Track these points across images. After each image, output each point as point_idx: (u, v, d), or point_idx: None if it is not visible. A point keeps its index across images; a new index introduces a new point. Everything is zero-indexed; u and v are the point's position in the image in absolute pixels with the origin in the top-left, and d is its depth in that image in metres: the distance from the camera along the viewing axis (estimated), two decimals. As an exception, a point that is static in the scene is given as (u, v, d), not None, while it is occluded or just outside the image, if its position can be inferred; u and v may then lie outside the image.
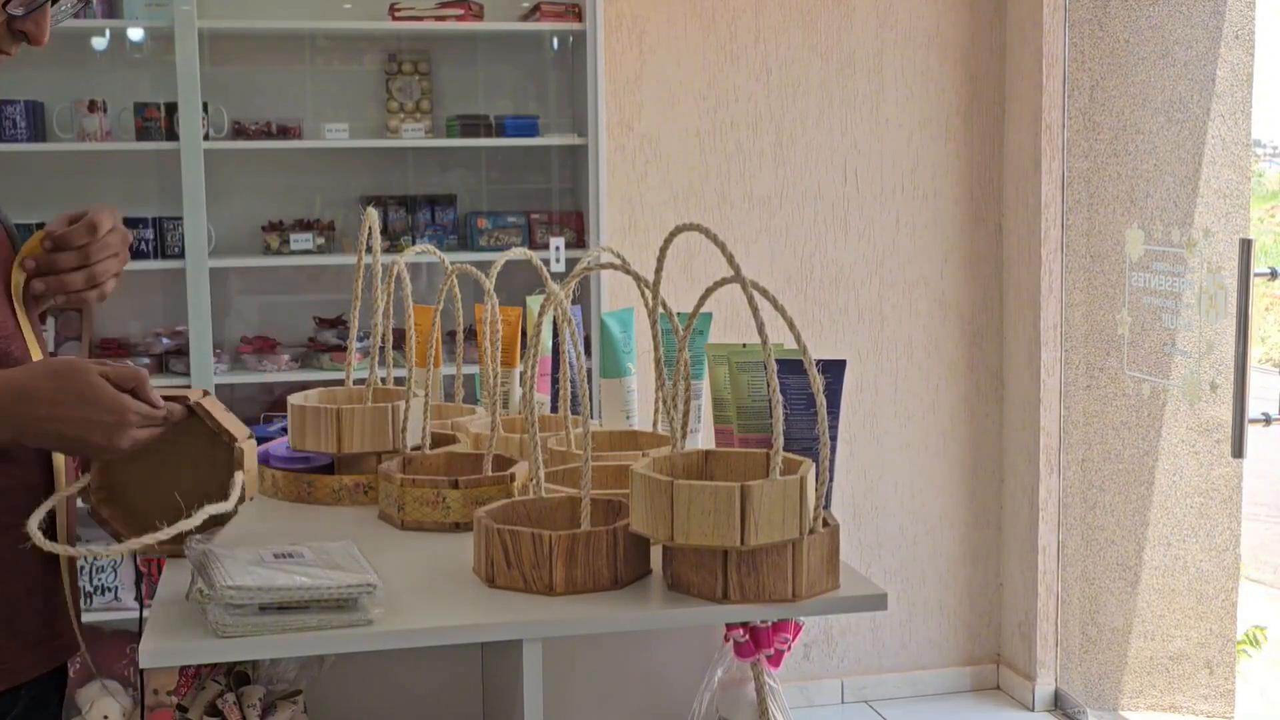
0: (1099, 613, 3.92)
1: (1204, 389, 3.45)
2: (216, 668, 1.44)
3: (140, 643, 1.27)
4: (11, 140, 3.53)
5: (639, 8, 3.91)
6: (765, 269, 4.04)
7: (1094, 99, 3.85)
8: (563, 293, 1.50)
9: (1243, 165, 3.39)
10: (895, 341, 4.17)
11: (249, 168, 3.87)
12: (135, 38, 3.79)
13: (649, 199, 3.97)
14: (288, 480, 1.77)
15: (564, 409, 1.82)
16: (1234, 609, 3.58)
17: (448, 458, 1.74)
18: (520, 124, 3.82)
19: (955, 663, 4.29)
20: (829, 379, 1.53)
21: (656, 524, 1.32)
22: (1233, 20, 3.36)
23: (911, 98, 4.09)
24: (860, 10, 4.03)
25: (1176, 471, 3.63)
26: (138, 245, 3.67)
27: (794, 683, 4.13)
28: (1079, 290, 3.93)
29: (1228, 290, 3.29)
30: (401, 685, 1.69)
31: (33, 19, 1.46)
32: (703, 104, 3.98)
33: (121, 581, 3.63)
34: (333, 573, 1.31)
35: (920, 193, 4.13)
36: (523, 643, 1.32)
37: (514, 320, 2.07)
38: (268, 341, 3.81)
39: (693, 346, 1.80)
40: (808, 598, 1.35)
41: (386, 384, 1.92)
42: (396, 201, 3.87)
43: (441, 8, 3.73)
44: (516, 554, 1.37)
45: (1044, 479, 4.02)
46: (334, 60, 3.93)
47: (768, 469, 1.35)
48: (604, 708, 1.71)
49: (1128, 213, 3.73)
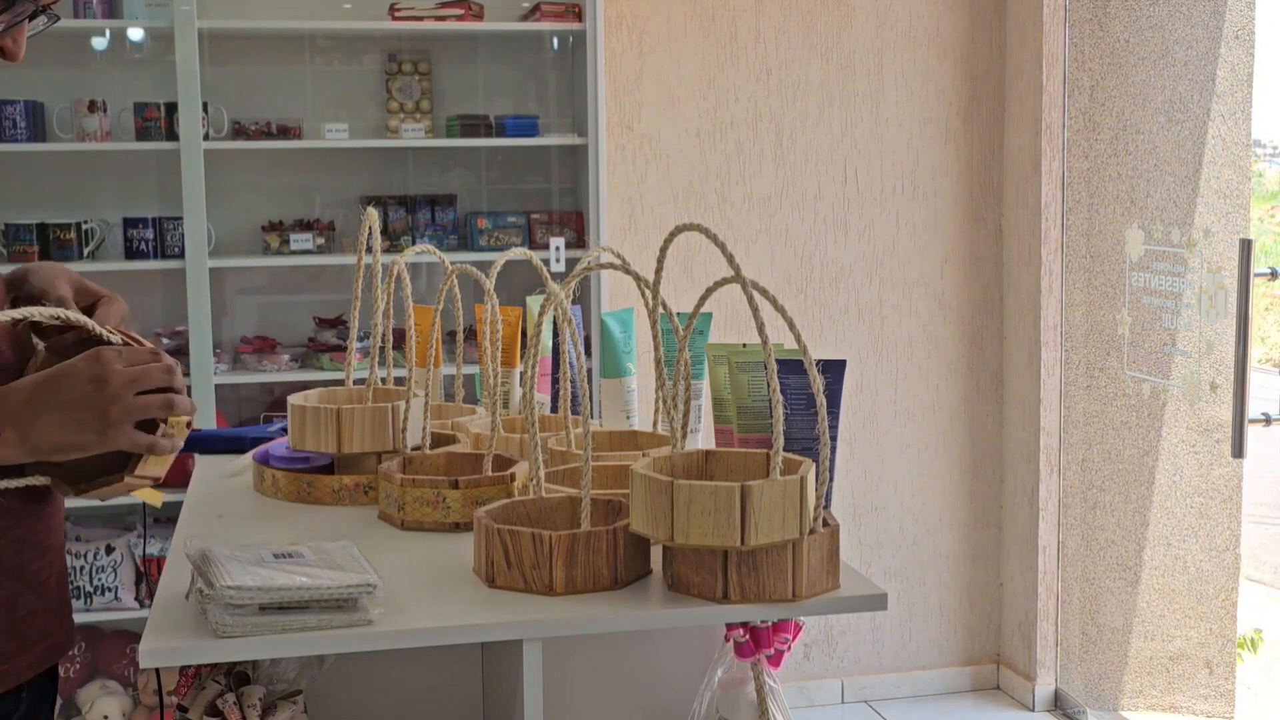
0: (1099, 613, 3.92)
1: (1204, 389, 3.45)
2: (216, 668, 1.44)
3: (140, 642, 1.27)
4: (11, 140, 3.53)
5: (639, 8, 3.91)
6: (765, 269, 4.04)
7: (1094, 99, 3.85)
8: (563, 293, 1.50)
9: (1243, 165, 3.39)
10: (895, 341, 4.17)
11: (249, 168, 3.87)
12: (135, 38, 3.79)
13: (649, 199, 3.97)
14: (288, 480, 1.77)
15: (564, 409, 1.81)
16: (1234, 609, 3.58)
17: (448, 458, 1.74)
18: (520, 124, 3.82)
19: (955, 663, 4.29)
20: (829, 379, 1.53)
21: (656, 524, 1.32)
22: (1233, 20, 3.36)
23: (911, 98, 4.09)
24: (860, 10, 4.03)
25: (1176, 471, 3.63)
26: (138, 245, 3.67)
27: (794, 683, 4.13)
28: (1079, 290, 3.93)
29: (1228, 290, 3.29)
30: (401, 685, 1.69)
31: (10, 36, 1.47)
32: (703, 104, 3.98)
33: (121, 581, 3.63)
34: (333, 573, 1.31)
35: (920, 193, 4.13)
36: (523, 643, 1.32)
37: (514, 320, 2.07)
38: (268, 341, 3.81)
39: (693, 346, 1.80)
40: (808, 598, 1.35)
41: (386, 384, 1.92)
42: (396, 201, 3.87)
43: (441, 8, 3.73)
44: (516, 554, 1.37)
45: (1044, 479, 4.02)
46: (334, 60, 3.93)
47: (768, 469, 1.35)
48: (604, 708, 1.71)
49: (1128, 213, 3.73)
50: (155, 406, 1.35)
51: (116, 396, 1.33)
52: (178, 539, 1.61)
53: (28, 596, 1.51)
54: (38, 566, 1.52)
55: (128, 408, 1.33)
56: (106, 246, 3.73)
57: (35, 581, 1.52)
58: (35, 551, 1.52)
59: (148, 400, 1.35)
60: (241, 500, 1.79)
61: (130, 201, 3.79)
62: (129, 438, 1.34)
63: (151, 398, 1.35)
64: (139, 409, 1.34)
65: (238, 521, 1.69)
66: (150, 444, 1.35)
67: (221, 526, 1.67)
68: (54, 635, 1.56)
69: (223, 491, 1.84)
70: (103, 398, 1.32)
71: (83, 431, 1.32)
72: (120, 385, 1.33)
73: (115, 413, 1.33)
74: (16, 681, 1.50)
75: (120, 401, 1.33)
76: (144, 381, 1.35)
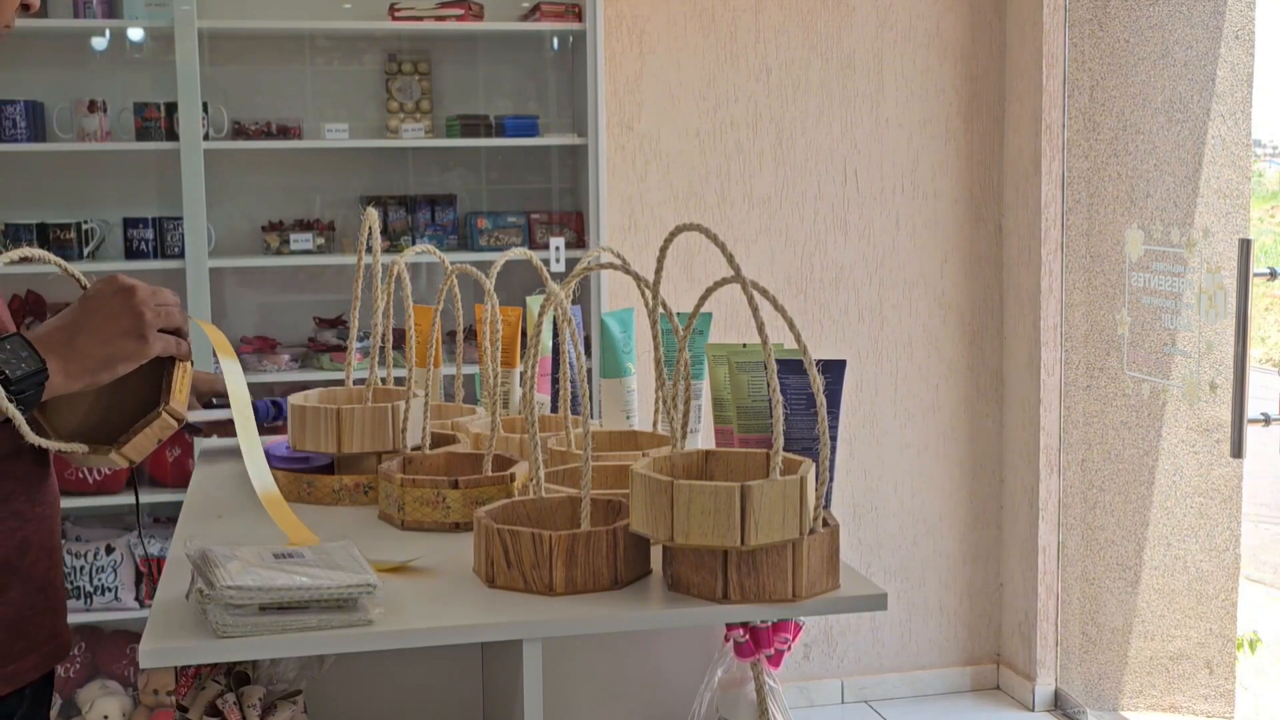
0: (1099, 613, 3.92)
1: (1204, 389, 3.45)
2: (216, 668, 1.44)
3: (140, 642, 1.27)
4: (11, 140, 3.53)
5: (639, 8, 3.91)
6: (765, 269, 4.04)
7: (1094, 99, 3.85)
8: (563, 293, 1.50)
9: (1243, 165, 3.39)
10: (895, 341, 4.17)
11: (249, 168, 3.87)
12: (135, 38, 3.79)
13: (649, 199, 3.97)
14: (288, 480, 1.77)
15: (564, 409, 1.81)
16: (1234, 609, 3.58)
17: (448, 458, 1.74)
18: (520, 124, 3.82)
19: (955, 663, 4.29)
20: (829, 379, 1.53)
21: (656, 524, 1.32)
22: (1233, 20, 3.36)
23: (911, 98, 4.09)
24: (860, 10, 4.03)
25: (1176, 471, 3.63)
26: (138, 245, 3.67)
27: (794, 683, 4.13)
28: (1079, 290, 3.93)
29: (1227, 290, 3.29)
30: (401, 685, 1.69)
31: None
32: (703, 104, 3.98)
33: (121, 581, 3.63)
34: (333, 573, 1.31)
35: (920, 193, 4.13)
36: (523, 643, 1.32)
37: (514, 320, 2.07)
38: (268, 341, 3.81)
39: (693, 346, 1.80)
40: (808, 598, 1.35)
41: (386, 384, 1.92)
42: (396, 201, 3.87)
43: (441, 8, 3.73)
44: (516, 554, 1.37)
45: (1044, 479, 4.02)
46: (334, 60, 3.93)
47: (768, 469, 1.34)
48: (604, 708, 1.71)
49: (1128, 213, 3.73)
50: (176, 314, 1.45)
51: (145, 302, 1.41)
52: (178, 539, 1.61)
53: (37, 599, 1.51)
54: (44, 568, 1.53)
55: (156, 313, 1.42)
56: (106, 246, 3.73)
57: (43, 584, 1.53)
58: (42, 553, 1.53)
59: (169, 307, 1.44)
60: (241, 500, 1.79)
61: (130, 201, 3.79)
62: (162, 341, 1.43)
63: (171, 306, 1.45)
64: (164, 316, 1.43)
65: (238, 521, 1.69)
66: (178, 344, 1.45)
67: (221, 526, 1.67)
68: (60, 637, 1.56)
69: (223, 491, 1.84)
70: (135, 303, 1.41)
71: (125, 339, 1.40)
72: (146, 294, 1.42)
73: (149, 316, 1.41)
74: (23, 682, 1.50)
75: (149, 306, 1.41)
76: (159, 294, 1.44)
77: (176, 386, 1.45)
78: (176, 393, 1.45)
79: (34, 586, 1.51)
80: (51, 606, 1.54)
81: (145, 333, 1.40)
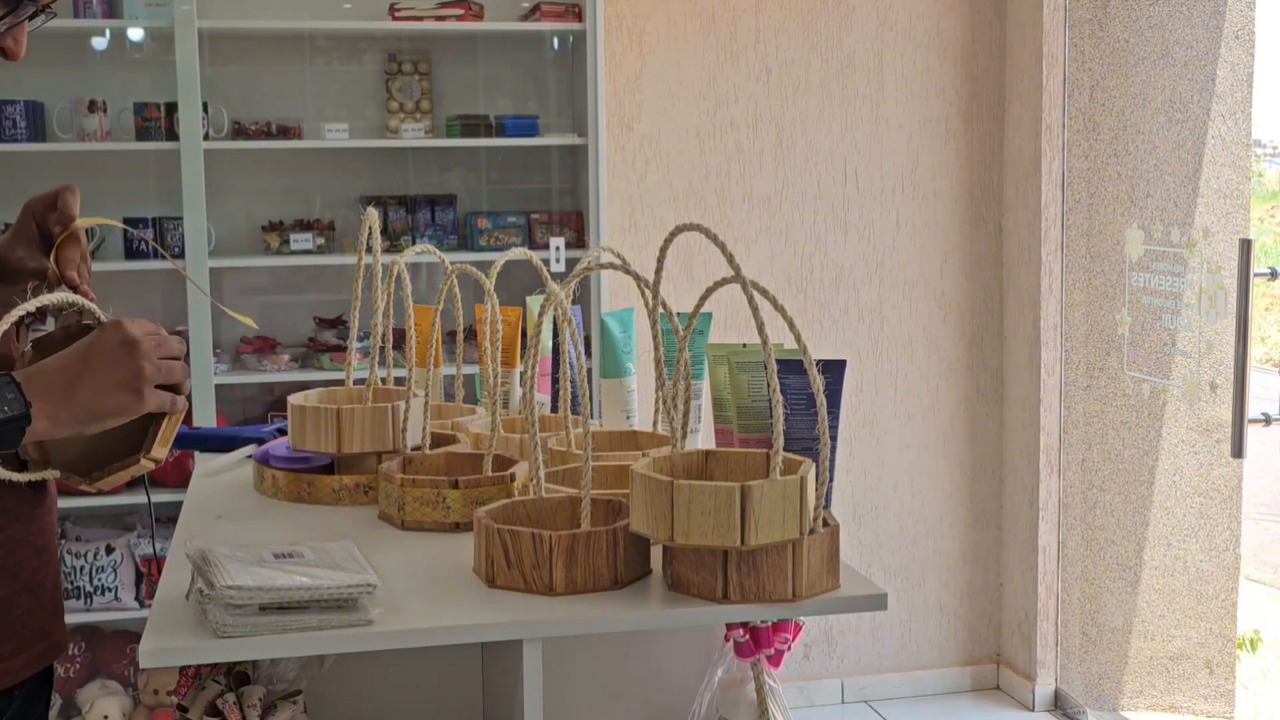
0: (1099, 613, 3.92)
1: (1204, 389, 3.45)
2: (216, 668, 1.44)
3: (140, 642, 1.27)
4: (11, 140, 3.53)
5: (639, 8, 3.91)
6: (765, 269, 4.04)
7: (1094, 99, 3.85)
8: (563, 293, 1.50)
9: (1243, 165, 3.39)
10: (895, 341, 4.17)
11: (249, 168, 3.87)
12: (135, 38, 3.79)
13: (649, 199, 3.97)
14: (288, 480, 1.77)
15: (564, 409, 1.81)
16: (1234, 609, 3.58)
17: (448, 458, 1.74)
18: (520, 124, 3.82)
19: (955, 663, 4.29)
20: (829, 379, 1.53)
21: (656, 524, 1.32)
22: (1233, 20, 3.36)
23: (911, 98, 4.09)
24: (860, 10, 4.03)
25: (1176, 471, 3.63)
26: (138, 245, 3.67)
27: (794, 683, 4.13)
28: (1079, 290, 3.93)
29: (1227, 290, 3.29)
30: (401, 685, 1.69)
31: (11, 35, 1.47)
32: (703, 104, 3.98)
33: (121, 581, 3.63)
34: (333, 573, 1.31)
35: (920, 193, 4.13)
36: (523, 643, 1.32)
37: (514, 320, 2.07)
38: (268, 341, 3.81)
39: (693, 346, 1.80)
40: (808, 598, 1.35)
41: (386, 384, 1.92)
42: (396, 201, 3.87)
43: (441, 8, 3.73)
44: (516, 554, 1.37)
45: (1044, 479, 4.02)
46: (334, 60, 3.93)
47: (768, 469, 1.34)
48: (604, 708, 1.71)
49: (1128, 213, 3.73)
50: (178, 370, 1.40)
51: (147, 355, 1.37)
52: (178, 539, 1.61)
53: (24, 597, 1.51)
54: (34, 567, 1.52)
55: (157, 368, 1.37)
56: (107, 246, 3.73)
57: (31, 582, 1.52)
58: (30, 552, 1.52)
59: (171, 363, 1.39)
60: (241, 500, 1.79)
61: (130, 201, 3.79)
62: (158, 397, 1.38)
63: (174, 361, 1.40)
64: (165, 371, 1.38)
65: (238, 521, 1.69)
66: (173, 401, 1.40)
67: (221, 526, 1.67)
68: (51, 636, 1.56)
69: (223, 491, 1.84)
70: (136, 356, 1.36)
71: (122, 393, 1.35)
72: (149, 347, 1.37)
73: (149, 371, 1.36)
74: (11, 682, 1.49)
75: (151, 360, 1.37)
76: (164, 347, 1.39)
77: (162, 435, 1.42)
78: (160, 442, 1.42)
79: (21, 585, 1.50)
80: (41, 605, 1.53)
81: (141, 389, 1.36)
